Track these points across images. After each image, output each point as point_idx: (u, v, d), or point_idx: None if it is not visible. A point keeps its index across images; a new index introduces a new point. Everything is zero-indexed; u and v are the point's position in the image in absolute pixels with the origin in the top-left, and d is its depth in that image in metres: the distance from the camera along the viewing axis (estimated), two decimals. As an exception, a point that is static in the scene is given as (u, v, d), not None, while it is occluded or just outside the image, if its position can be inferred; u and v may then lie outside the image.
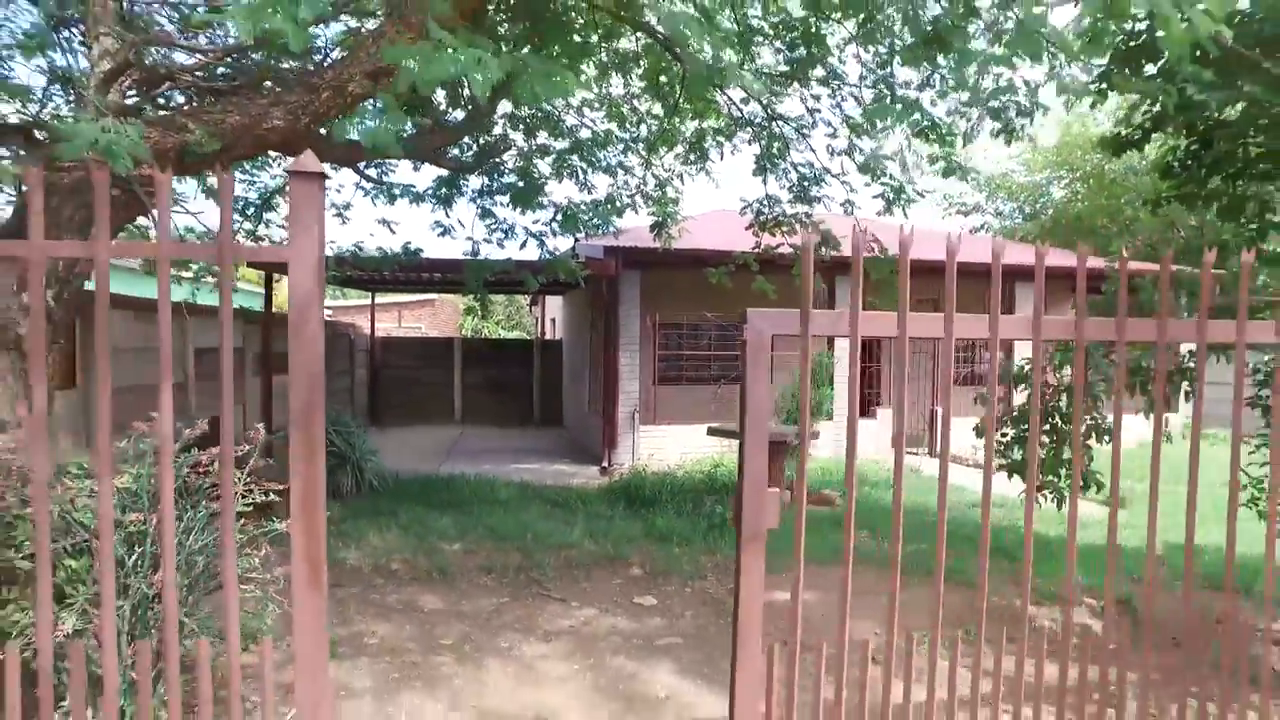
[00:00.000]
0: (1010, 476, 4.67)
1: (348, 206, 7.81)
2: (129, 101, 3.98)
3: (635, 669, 4.14)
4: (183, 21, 4.52)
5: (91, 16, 3.54)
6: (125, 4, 4.18)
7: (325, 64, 4.88)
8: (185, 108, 4.25)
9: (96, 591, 2.63)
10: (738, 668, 2.47)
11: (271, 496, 3.08)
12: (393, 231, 7.41)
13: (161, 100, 4.43)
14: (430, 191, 7.16)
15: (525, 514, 7.52)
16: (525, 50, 4.64)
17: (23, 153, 3.55)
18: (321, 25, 5.06)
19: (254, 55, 4.77)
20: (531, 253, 8.38)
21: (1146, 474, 2.67)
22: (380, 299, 20.34)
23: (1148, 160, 14.32)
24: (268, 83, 4.50)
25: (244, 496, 3.10)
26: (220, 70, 4.78)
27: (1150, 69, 4.47)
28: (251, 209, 6.85)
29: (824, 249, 6.72)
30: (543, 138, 7.41)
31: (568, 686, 3.92)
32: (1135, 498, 7.62)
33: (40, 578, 1.98)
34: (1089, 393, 4.38)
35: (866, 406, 12.65)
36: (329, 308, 18.16)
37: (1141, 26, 4.35)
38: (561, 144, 7.34)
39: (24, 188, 3.18)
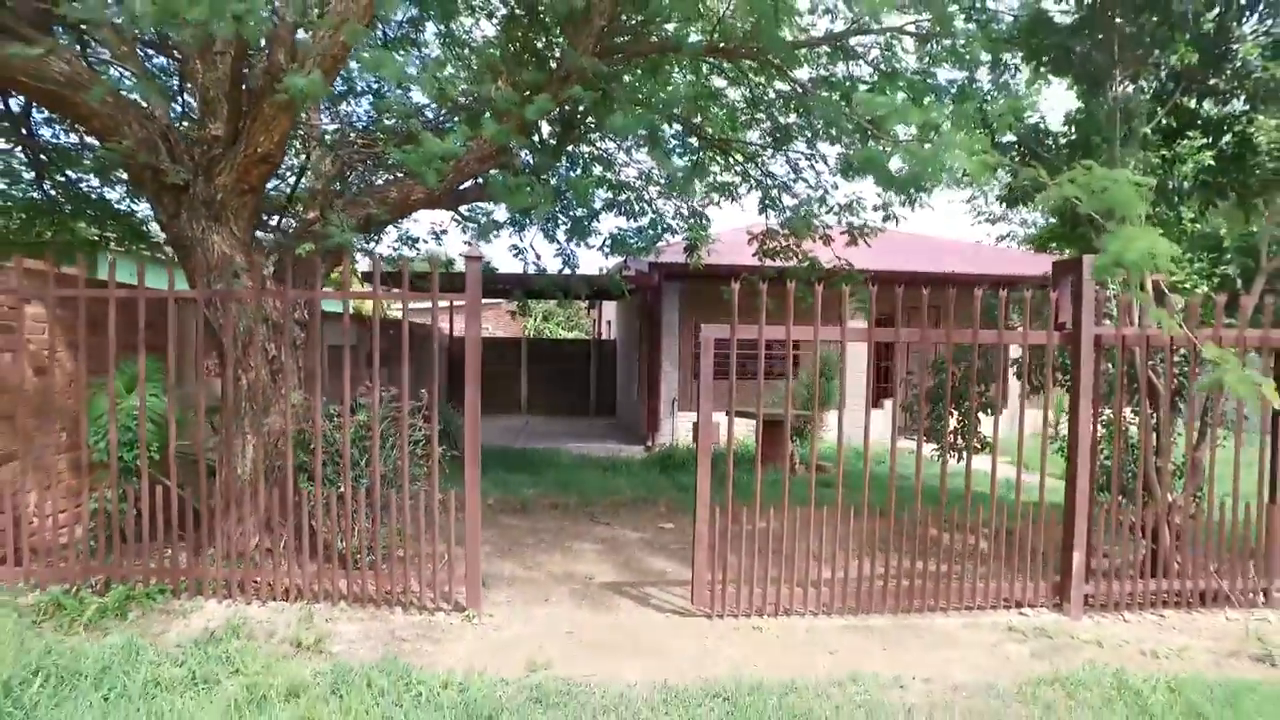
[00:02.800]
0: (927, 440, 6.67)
1: (444, 231, 10.30)
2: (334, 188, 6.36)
3: (649, 559, 6.29)
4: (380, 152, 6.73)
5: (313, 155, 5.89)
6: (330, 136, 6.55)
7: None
8: (367, 189, 6.58)
9: (336, 474, 4.91)
10: (697, 514, 4.61)
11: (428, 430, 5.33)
12: (481, 254, 9.75)
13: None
14: (508, 221, 9.45)
15: (582, 473, 9.76)
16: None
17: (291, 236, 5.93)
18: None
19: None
20: (590, 263, 10.62)
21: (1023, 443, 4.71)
22: (457, 303, 22.85)
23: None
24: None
25: (421, 428, 5.36)
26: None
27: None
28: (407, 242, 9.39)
29: (811, 271, 8.75)
30: (597, 170, 9.58)
31: (603, 564, 6.08)
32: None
33: (316, 467, 4.25)
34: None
35: (877, 398, 14.53)
36: (413, 309, 20.81)
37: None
38: (610, 176, 9.45)
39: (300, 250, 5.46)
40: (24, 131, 7.55)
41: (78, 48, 6.05)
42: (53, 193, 7.96)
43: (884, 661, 4.15)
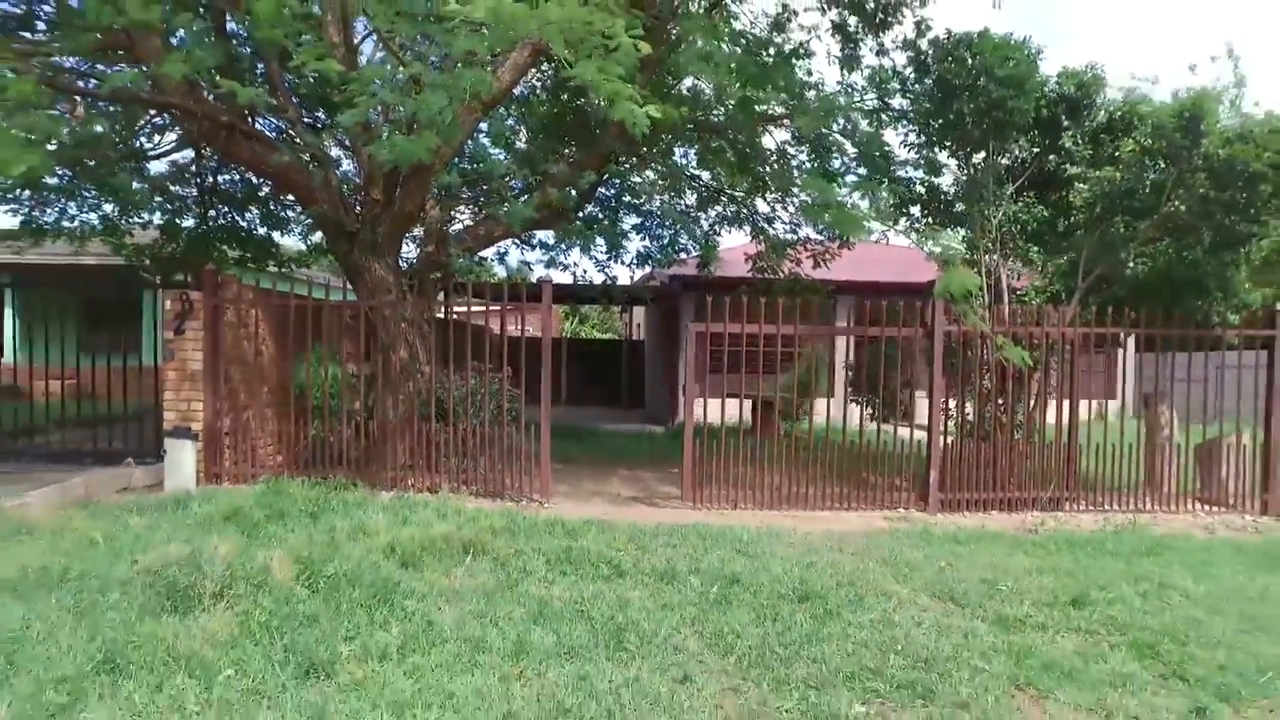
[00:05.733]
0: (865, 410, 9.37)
1: (506, 252, 13.24)
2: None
3: (660, 487, 9.03)
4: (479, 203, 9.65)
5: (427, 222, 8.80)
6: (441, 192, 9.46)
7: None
8: (467, 229, 9.46)
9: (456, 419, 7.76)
10: (685, 447, 7.38)
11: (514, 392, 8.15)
12: (530, 267, 12.66)
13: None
14: (553, 241, 12.32)
15: (614, 441, 12.59)
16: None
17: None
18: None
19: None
20: (623, 275, 13.52)
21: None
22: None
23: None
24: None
25: (505, 390, 8.21)
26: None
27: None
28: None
29: (793, 284, 11.47)
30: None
31: (627, 488, 8.85)
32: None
33: (450, 415, 7.09)
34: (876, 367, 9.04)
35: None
36: (460, 309, 23.61)
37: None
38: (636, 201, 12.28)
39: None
40: (200, 180, 10.67)
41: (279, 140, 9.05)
42: (209, 224, 11.03)
43: (794, 524, 6.87)
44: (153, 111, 9.00)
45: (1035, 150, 8.74)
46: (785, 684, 3.52)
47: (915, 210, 8.97)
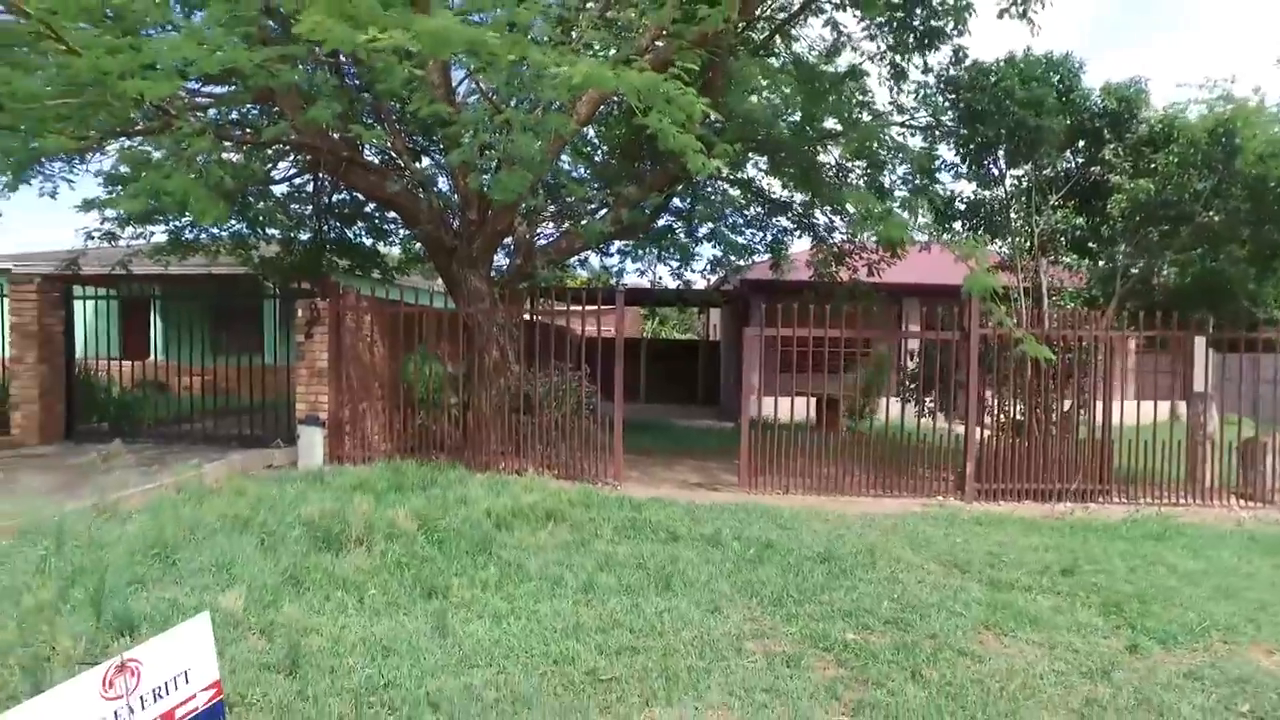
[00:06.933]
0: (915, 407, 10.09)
1: (586, 259, 14.40)
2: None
3: (723, 474, 9.97)
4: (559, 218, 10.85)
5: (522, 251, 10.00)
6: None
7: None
8: (551, 243, 10.64)
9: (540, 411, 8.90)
10: (741, 436, 8.32)
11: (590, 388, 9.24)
12: (609, 271, 13.78)
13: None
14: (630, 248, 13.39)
15: (685, 435, 13.60)
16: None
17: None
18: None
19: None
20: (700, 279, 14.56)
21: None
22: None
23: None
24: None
25: (583, 386, 9.32)
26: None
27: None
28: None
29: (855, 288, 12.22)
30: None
31: (693, 475, 9.83)
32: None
33: (536, 408, 8.23)
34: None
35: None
36: (543, 311, 24.92)
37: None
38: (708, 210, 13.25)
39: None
40: (316, 199, 12.21)
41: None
42: (322, 237, 12.54)
43: (836, 507, 7.72)
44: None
45: (1079, 161, 9.30)
46: (795, 617, 4.46)
47: (957, 224, 9.64)
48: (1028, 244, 9.00)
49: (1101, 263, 9.13)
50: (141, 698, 2.73)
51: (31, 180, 8.65)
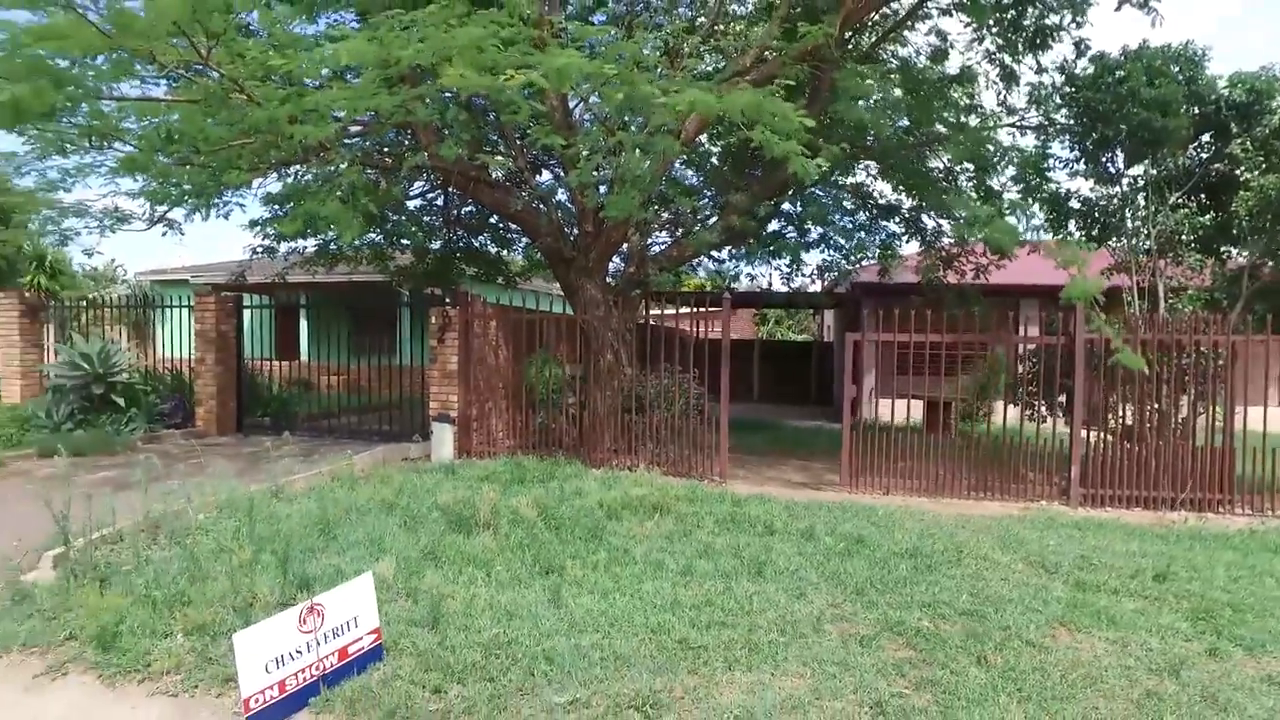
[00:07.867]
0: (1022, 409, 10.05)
1: (699, 264, 14.90)
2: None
3: (827, 474, 10.24)
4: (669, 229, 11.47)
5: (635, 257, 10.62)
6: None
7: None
8: (661, 253, 11.23)
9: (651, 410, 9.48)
10: (843, 437, 8.62)
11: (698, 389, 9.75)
12: (720, 275, 14.23)
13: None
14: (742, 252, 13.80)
15: (794, 435, 13.89)
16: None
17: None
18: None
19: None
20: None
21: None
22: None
23: None
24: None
25: (692, 388, 9.85)
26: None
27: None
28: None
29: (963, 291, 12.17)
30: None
31: (798, 475, 10.16)
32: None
33: (647, 408, 8.79)
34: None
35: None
36: (657, 314, 25.52)
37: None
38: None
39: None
40: (446, 213, 13.28)
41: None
42: (451, 246, 13.60)
43: (934, 508, 7.90)
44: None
45: (1203, 156, 9.01)
46: (874, 605, 4.82)
47: (1071, 224, 9.51)
48: (1145, 243, 8.80)
49: (1227, 262, 8.80)
50: (324, 634, 3.49)
51: (215, 206, 10.03)
